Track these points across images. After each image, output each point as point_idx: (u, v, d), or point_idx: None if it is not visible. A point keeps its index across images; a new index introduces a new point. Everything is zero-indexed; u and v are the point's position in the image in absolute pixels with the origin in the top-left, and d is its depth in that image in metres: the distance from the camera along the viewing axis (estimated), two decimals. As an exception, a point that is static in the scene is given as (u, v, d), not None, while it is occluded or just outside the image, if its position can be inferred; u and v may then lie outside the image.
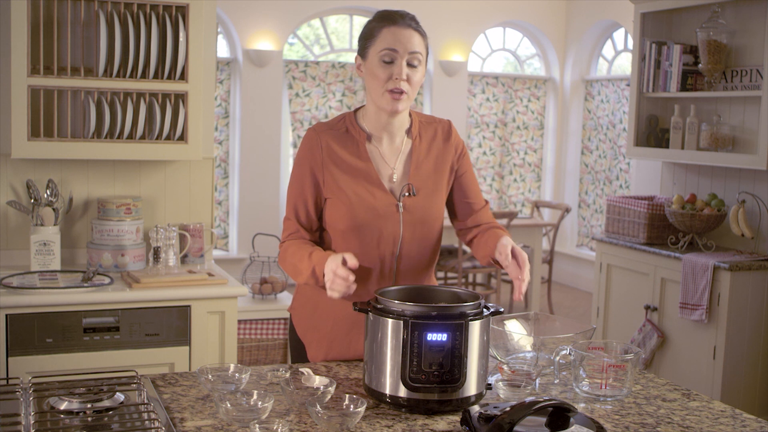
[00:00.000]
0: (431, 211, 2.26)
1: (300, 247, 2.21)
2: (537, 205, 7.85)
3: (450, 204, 2.37)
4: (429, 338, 1.83)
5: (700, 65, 4.57)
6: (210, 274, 3.29)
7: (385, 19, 2.19)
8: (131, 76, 3.24)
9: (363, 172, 2.21)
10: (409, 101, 2.20)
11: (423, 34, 2.22)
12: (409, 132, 2.28)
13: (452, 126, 2.36)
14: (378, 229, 2.20)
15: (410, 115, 2.31)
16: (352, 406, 1.76)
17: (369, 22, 2.23)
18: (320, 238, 2.30)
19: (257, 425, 1.66)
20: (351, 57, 8.16)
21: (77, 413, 1.74)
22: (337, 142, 2.23)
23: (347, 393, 1.89)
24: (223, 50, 7.62)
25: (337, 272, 1.99)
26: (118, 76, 3.22)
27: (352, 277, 1.98)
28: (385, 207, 2.21)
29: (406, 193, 2.22)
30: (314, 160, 2.22)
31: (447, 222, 2.49)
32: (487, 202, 2.38)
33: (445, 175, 2.30)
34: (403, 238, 2.23)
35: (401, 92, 2.15)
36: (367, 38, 2.20)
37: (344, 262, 2.00)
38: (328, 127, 2.27)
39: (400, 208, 2.22)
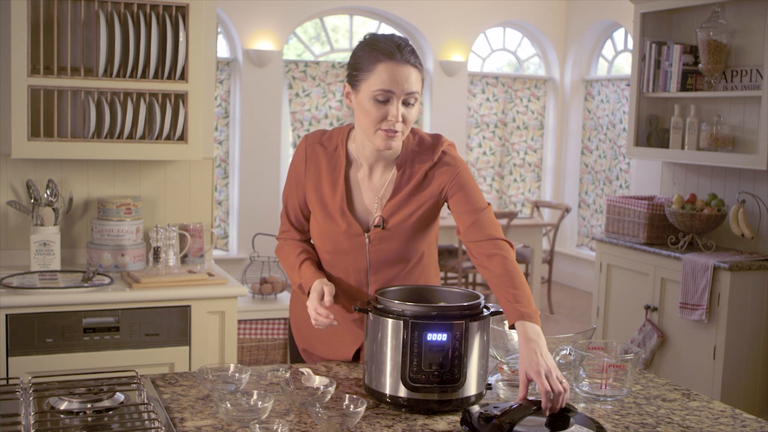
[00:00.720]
0: (407, 244, 2.17)
1: (292, 250, 2.25)
2: (537, 205, 7.85)
3: (454, 217, 2.23)
4: (429, 338, 1.83)
5: (700, 65, 4.57)
6: (210, 274, 3.29)
7: (383, 51, 2.00)
8: (131, 76, 3.24)
9: (333, 201, 2.16)
10: (403, 137, 2.08)
11: (420, 68, 2.05)
12: (394, 161, 2.15)
13: (439, 144, 2.17)
14: (344, 256, 2.18)
15: (402, 143, 2.16)
16: (352, 406, 1.76)
17: (361, 50, 2.05)
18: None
19: (257, 425, 1.66)
20: (351, 57, 8.14)
21: (77, 413, 1.74)
22: (320, 161, 2.18)
23: (347, 393, 1.89)
24: (223, 50, 7.62)
25: (317, 311, 2.05)
26: (118, 76, 3.21)
27: (331, 316, 2.04)
28: (348, 238, 2.15)
29: (375, 225, 2.14)
30: (299, 171, 2.22)
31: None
32: (489, 204, 2.18)
33: (427, 202, 2.15)
34: (372, 269, 2.18)
35: (395, 132, 2.02)
36: (359, 69, 2.04)
37: (322, 297, 2.06)
38: (320, 141, 2.20)
39: (366, 239, 2.15)
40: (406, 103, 2.02)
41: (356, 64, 2.05)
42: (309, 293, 2.12)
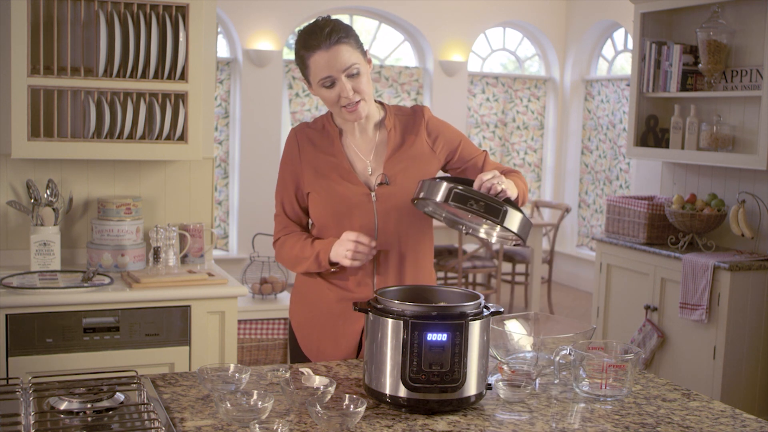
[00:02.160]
0: (409, 199, 2.28)
1: (299, 237, 2.33)
2: (537, 205, 7.85)
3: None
4: (429, 338, 1.83)
5: (700, 65, 4.57)
6: (210, 274, 3.29)
7: (308, 47, 2.17)
8: (131, 76, 3.24)
9: (335, 166, 2.28)
10: (368, 104, 2.24)
11: (350, 40, 2.19)
12: (382, 124, 2.32)
13: (424, 111, 2.35)
14: (353, 220, 2.26)
15: (384, 108, 2.34)
16: (352, 406, 1.76)
17: (296, 47, 2.22)
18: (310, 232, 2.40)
19: (257, 425, 1.66)
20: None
21: (77, 413, 1.74)
22: (313, 139, 2.31)
23: (347, 393, 1.89)
24: (223, 50, 7.62)
25: (359, 240, 2.15)
26: (118, 76, 3.21)
27: (373, 243, 2.15)
28: (357, 197, 2.25)
29: (379, 183, 2.26)
30: (293, 158, 2.32)
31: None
32: (485, 151, 2.39)
33: (427, 162, 2.31)
34: (379, 229, 2.27)
35: (355, 104, 2.19)
36: (301, 67, 2.23)
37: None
38: (307, 125, 2.35)
39: (373, 197, 2.26)
40: (351, 76, 2.17)
41: (297, 62, 2.24)
42: (335, 249, 2.22)
